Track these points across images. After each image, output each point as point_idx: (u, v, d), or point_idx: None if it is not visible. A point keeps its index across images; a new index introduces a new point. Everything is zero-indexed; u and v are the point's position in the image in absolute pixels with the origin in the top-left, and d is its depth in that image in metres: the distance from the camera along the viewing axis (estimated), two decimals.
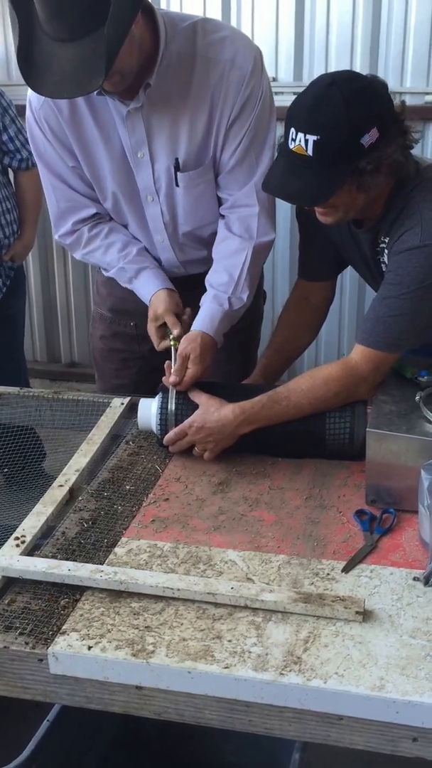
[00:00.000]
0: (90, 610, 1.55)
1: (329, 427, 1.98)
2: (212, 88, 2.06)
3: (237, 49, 2.06)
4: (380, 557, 1.68)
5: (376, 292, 2.04)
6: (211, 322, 2.13)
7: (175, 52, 2.04)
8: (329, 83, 1.80)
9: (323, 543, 1.72)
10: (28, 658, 1.48)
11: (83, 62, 1.79)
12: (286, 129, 1.85)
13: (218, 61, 2.05)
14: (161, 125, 2.10)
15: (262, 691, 1.40)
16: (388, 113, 1.85)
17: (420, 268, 1.87)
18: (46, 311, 4.69)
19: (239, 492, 1.91)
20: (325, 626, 1.50)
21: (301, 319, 2.31)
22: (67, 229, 2.31)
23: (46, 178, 2.26)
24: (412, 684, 1.38)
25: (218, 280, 2.19)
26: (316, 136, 1.78)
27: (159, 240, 2.30)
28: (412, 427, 1.79)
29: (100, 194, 2.24)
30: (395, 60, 3.79)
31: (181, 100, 2.08)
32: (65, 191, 2.25)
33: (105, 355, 2.60)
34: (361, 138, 1.79)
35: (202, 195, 2.21)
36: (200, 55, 2.05)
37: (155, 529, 1.78)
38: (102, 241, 2.29)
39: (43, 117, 2.14)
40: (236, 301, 2.18)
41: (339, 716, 1.39)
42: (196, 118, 2.09)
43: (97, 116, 2.11)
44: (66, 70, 1.81)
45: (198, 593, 1.55)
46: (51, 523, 1.80)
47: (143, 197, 2.22)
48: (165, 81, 2.04)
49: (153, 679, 1.44)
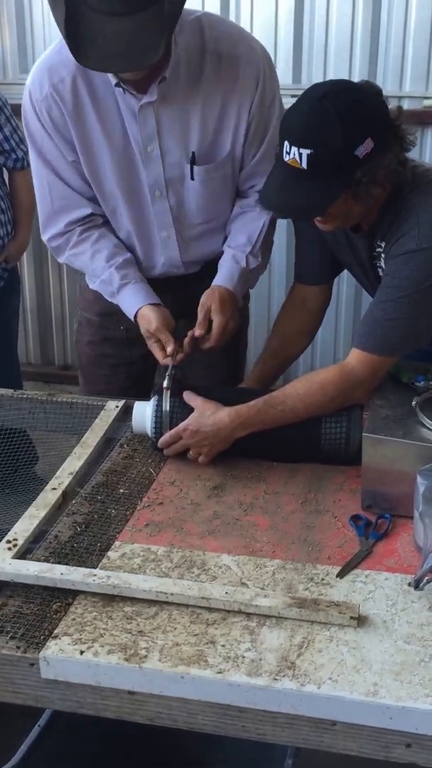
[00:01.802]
0: (82, 614, 1.54)
1: (325, 432, 1.97)
2: (224, 83, 2.07)
3: (245, 43, 2.10)
4: (375, 562, 1.67)
5: (372, 296, 2.03)
6: (230, 278, 2.20)
7: (183, 46, 2.04)
8: (321, 96, 1.78)
9: (318, 548, 1.71)
10: (20, 663, 1.46)
11: (138, 36, 1.79)
12: (281, 141, 1.84)
13: (228, 56, 2.06)
14: (172, 120, 2.10)
15: (255, 697, 1.39)
16: (383, 122, 1.84)
17: (418, 272, 1.86)
18: (40, 313, 4.67)
19: (234, 496, 1.90)
20: (319, 631, 1.49)
21: (297, 323, 2.30)
22: (58, 230, 2.26)
23: (41, 174, 2.22)
24: (406, 689, 1.37)
25: (237, 242, 2.26)
26: (309, 150, 1.77)
27: (164, 237, 2.28)
28: (408, 432, 1.78)
29: (97, 191, 2.21)
30: (394, 64, 3.78)
31: (191, 94, 2.08)
32: (61, 188, 2.21)
33: (93, 361, 2.55)
34: (356, 150, 1.78)
35: (217, 189, 2.22)
36: (209, 50, 2.06)
37: (149, 533, 1.77)
38: (91, 246, 2.25)
39: (44, 109, 2.10)
40: (253, 259, 2.25)
41: (332, 722, 1.38)
42: (207, 113, 2.10)
43: (100, 111, 2.09)
44: (117, 44, 1.80)
45: (192, 598, 1.54)
46: (43, 527, 1.79)
47: (150, 193, 2.21)
48: (175, 75, 2.05)
49: (146, 684, 1.43)
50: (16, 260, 3.44)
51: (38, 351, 4.75)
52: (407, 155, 1.91)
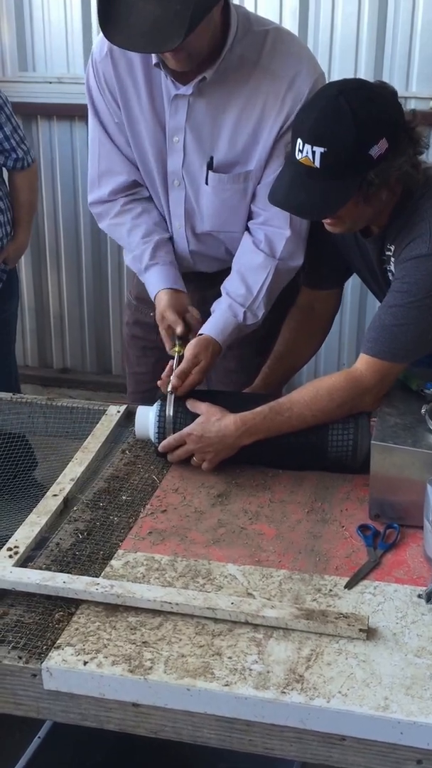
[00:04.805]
0: (85, 624, 1.51)
1: (332, 439, 1.94)
2: (265, 102, 2.05)
3: (300, 69, 2.04)
4: (384, 573, 1.64)
5: (380, 301, 2.00)
6: (222, 332, 2.11)
7: (239, 54, 2.02)
8: (337, 93, 1.76)
9: (325, 558, 1.68)
10: (22, 673, 1.43)
11: (164, 20, 1.79)
12: (293, 139, 1.81)
13: (278, 76, 2.03)
14: (203, 121, 2.09)
15: (263, 710, 1.36)
16: (398, 123, 1.81)
17: (428, 277, 1.84)
18: (38, 315, 4.63)
19: (239, 504, 1.86)
20: (327, 644, 1.46)
21: (304, 328, 2.27)
22: (101, 195, 2.28)
23: (94, 129, 2.25)
24: (417, 704, 1.34)
25: (236, 291, 2.16)
26: (323, 148, 1.75)
27: (177, 226, 2.27)
28: (417, 440, 1.75)
29: (138, 158, 2.22)
30: (400, 65, 3.74)
31: (230, 103, 2.07)
32: (108, 146, 2.23)
33: (129, 341, 2.61)
34: (370, 149, 1.75)
35: (228, 201, 2.18)
36: (262, 65, 2.03)
37: (153, 542, 1.74)
38: (131, 219, 2.26)
39: (101, 69, 2.14)
40: (251, 316, 2.15)
41: (342, 737, 1.35)
42: (240, 125, 2.08)
43: (150, 83, 2.11)
44: (144, 25, 1.82)
45: (197, 608, 1.51)
46: (45, 534, 1.76)
47: (170, 181, 2.21)
48: (221, 80, 2.03)
49: (151, 696, 1.40)
50: (15, 262, 3.40)
51: (36, 354, 4.71)
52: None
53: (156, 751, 1.75)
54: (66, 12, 4.04)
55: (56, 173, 4.29)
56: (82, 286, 4.50)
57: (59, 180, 4.30)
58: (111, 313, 4.50)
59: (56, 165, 4.28)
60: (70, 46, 4.08)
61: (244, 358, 2.35)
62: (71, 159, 4.26)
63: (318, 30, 3.81)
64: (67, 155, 4.26)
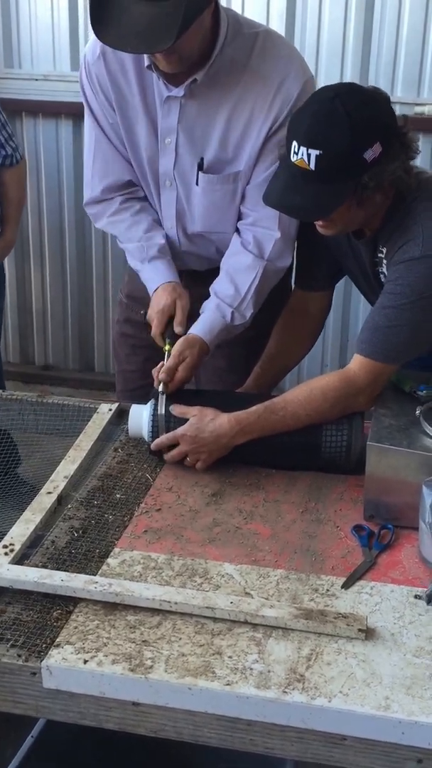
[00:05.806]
0: (84, 622, 1.51)
1: (326, 439, 1.94)
2: (254, 104, 2.05)
3: (289, 72, 2.04)
4: (380, 574, 1.65)
5: (372, 303, 2.01)
6: (210, 332, 2.11)
7: (229, 57, 2.03)
8: (332, 97, 1.77)
9: (321, 558, 1.69)
10: (21, 672, 1.43)
11: (156, 22, 1.80)
12: (288, 141, 1.82)
13: (267, 79, 2.03)
14: (195, 123, 2.10)
15: (264, 710, 1.36)
16: (391, 127, 1.83)
17: (420, 279, 1.85)
18: (21, 312, 4.61)
19: (233, 504, 1.87)
20: (327, 644, 1.46)
21: (296, 328, 2.28)
22: (95, 195, 2.29)
23: (90, 128, 2.24)
24: (417, 704, 1.35)
25: (224, 291, 2.16)
26: (318, 150, 1.76)
27: (168, 227, 2.28)
28: (412, 441, 1.76)
29: (133, 159, 2.22)
30: (386, 70, 3.77)
31: (221, 105, 2.07)
32: (105, 146, 2.23)
33: (119, 339, 2.61)
34: (364, 153, 1.77)
35: (218, 202, 2.18)
36: (252, 67, 2.04)
37: (149, 540, 1.74)
38: (131, 216, 2.27)
39: (93, 71, 2.14)
40: (239, 316, 2.16)
41: (343, 736, 1.36)
42: (230, 126, 2.08)
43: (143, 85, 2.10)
44: (136, 26, 1.82)
45: (196, 607, 1.51)
46: (40, 532, 1.75)
47: (162, 182, 2.21)
48: (212, 82, 2.04)
49: (151, 695, 1.40)
50: (2, 259, 3.38)
51: (17, 350, 4.69)
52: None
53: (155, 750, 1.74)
54: (53, 9, 4.03)
55: (41, 170, 4.27)
56: (66, 282, 4.48)
57: (44, 176, 4.29)
58: (95, 311, 4.49)
59: (41, 162, 4.26)
60: (57, 43, 4.07)
61: (234, 357, 2.35)
62: (56, 156, 4.25)
63: (305, 33, 3.82)
64: (52, 152, 4.24)
